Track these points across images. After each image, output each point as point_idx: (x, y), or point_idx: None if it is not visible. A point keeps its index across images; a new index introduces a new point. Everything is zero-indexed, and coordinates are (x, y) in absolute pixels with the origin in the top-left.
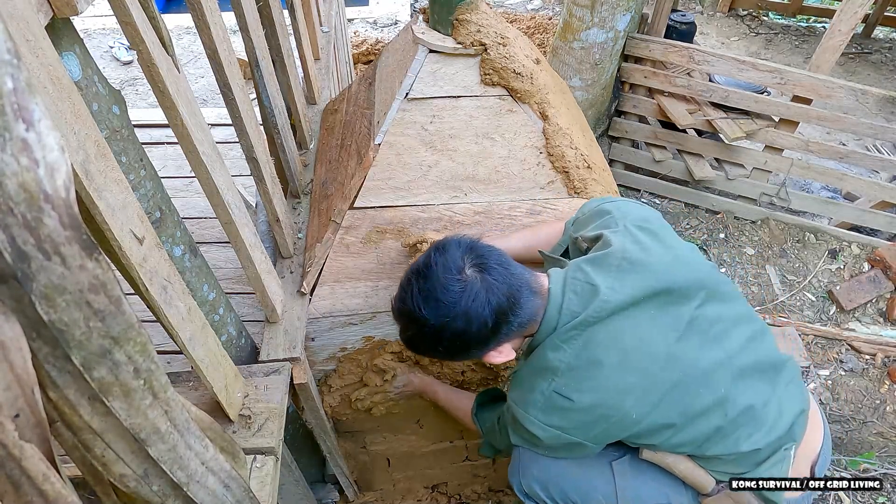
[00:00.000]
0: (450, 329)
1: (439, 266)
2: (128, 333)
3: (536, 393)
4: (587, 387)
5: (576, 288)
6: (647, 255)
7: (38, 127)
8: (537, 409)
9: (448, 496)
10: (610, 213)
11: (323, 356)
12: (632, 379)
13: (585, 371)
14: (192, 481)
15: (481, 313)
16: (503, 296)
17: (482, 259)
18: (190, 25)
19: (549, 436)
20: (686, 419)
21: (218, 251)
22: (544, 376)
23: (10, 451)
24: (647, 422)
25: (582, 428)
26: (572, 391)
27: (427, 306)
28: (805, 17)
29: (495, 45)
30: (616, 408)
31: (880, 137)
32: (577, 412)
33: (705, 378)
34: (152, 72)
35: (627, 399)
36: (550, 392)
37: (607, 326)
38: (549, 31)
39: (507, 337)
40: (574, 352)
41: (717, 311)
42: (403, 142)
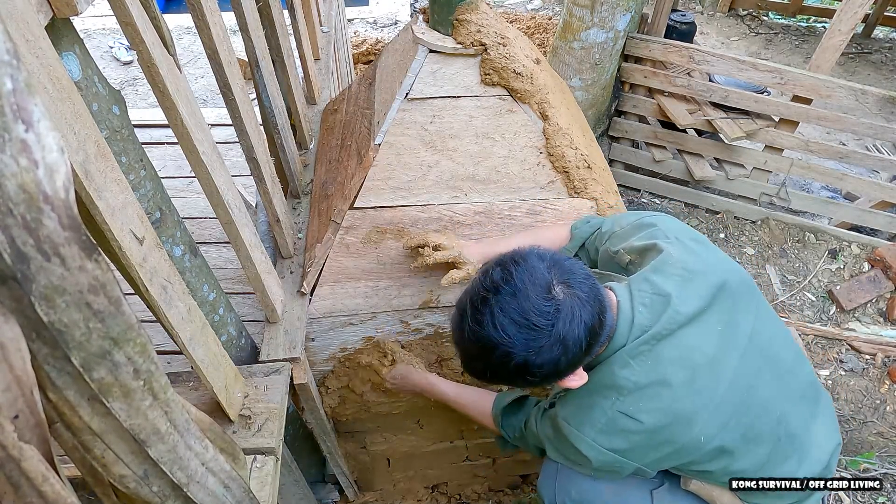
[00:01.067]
0: (543, 356)
1: (527, 284)
2: (127, 334)
3: (597, 412)
4: (656, 407)
5: (644, 300)
6: (703, 264)
7: (38, 127)
8: (596, 431)
9: (448, 496)
10: (655, 226)
11: (323, 356)
12: (701, 399)
13: (654, 391)
14: (192, 482)
15: (577, 336)
16: (596, 314)
17: (569, 274)
18: (190, 25)
19: (605, 460)
20: (744, 444)
21: (218, 251)
22: (607, 395)
23: (9, 452)
24: (710, 446)
25: (643, 452)
26: (640, 412)
27: (518, 332)
28: (805, 17)
29: (495, 45)
30: (684, 431)
31: (880, 137)
32: (643, 435)
33: (763, 401)
34: (152, 72)
35: (697, 421)
36: (614, 412)
37: (677, 341)
38: (549, 31)
39: (591, 357)
40: (643, 369)
41: (768, 329)
42: (403, 142)
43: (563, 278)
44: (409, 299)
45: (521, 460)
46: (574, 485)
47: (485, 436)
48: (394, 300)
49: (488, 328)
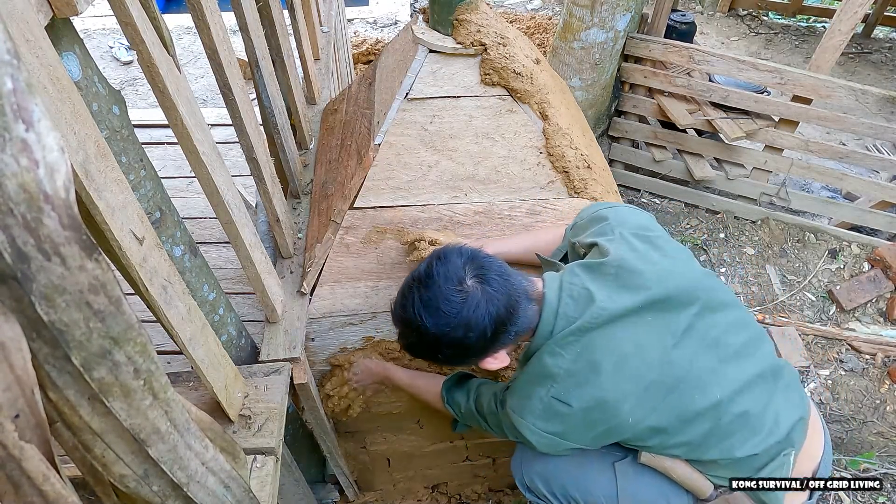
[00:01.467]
0: (449, 337)
1: (441, 276)
2: (128, 334)
3: (535, 400)
4: (586, 392)
5: (572, 292)
6: (643, 264)
7: (38, 127)
8: (535, 416)
9: (448, 496)
10: (607, 220)
11: (323, 356)
12: (629, 385)
13: (584, 376)
14: (193, 481)
15: (481, 323)
16: (502, 306)
17: (482, 270)
18: (190, 25)
19: (546, 442)
20: (680, 423)
21: (218, 251)
22: (542, 383)
23: (10, 451)
24: (642, 426)
25: (579, 432)
26: (571, 397)
27: (428, 315)
28: (805, 17)
29: (495, 45)
30: (613, 413)
31: (880, 137)
32: (575, 417)
33: (700, 383)
34: (152, 72)
35: (624, 404)
36: (549, 399)
37: (605, 332)
38: (549, 31)
39: (504, 344)
40: (572, 357)
41: (713, 319)
42: (403, 142)
43: (476, 273)
44: None
45: None
46: (538, 461)
47: (485, 436)
48: None
49: (409, 311)
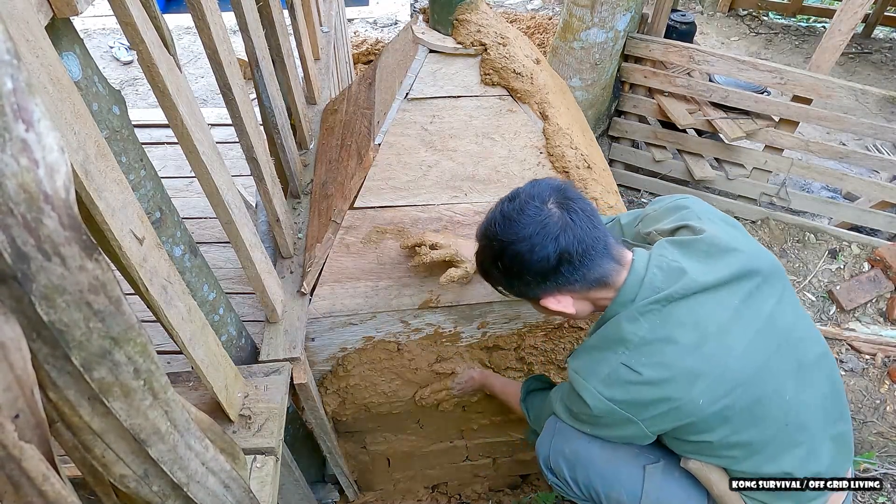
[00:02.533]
0: (512, 249)
1: (526, 192)
2: (128, 334)
3: (602, 364)
4: (657, 362)
5: (661, 264)
6: (735, 242)
7: (38, 127)
8: (599, 380)
9: (448, 496)
10: (688, 208)
11: (323, 356)
12: (705, 365)
13: (658, 347)
14: (193, 482)
15: (545, 246)
16: (575, 241)
17: (569, 202)
18: (190, 25)
19: (603, 408)
20: (750, 418)
21: (218, 251)
22: (614, 348)
23: (10, 451)
24: (711, 410)
25: (641, 406)
26: (641, 365)
27: (501, 221)
28: (805, 17)
29: (495, 45)
30: (683, 390)
31: (880, 137)
32: (641, 387)
33: (777, 383)
34: (152, 72)
35: (697, 384)
36: (618, 364)
37: (690, 305)
38: (549, 31)
39: (570, 287)
40: (650, 326)
41: (792, 316)
42: (403, 142)
43: (561, 201)
44: (409, 299)
45: (521, 460)
46: (569, 444)
47: (485, 436)
48: (394, 300)
49: (488, 219)
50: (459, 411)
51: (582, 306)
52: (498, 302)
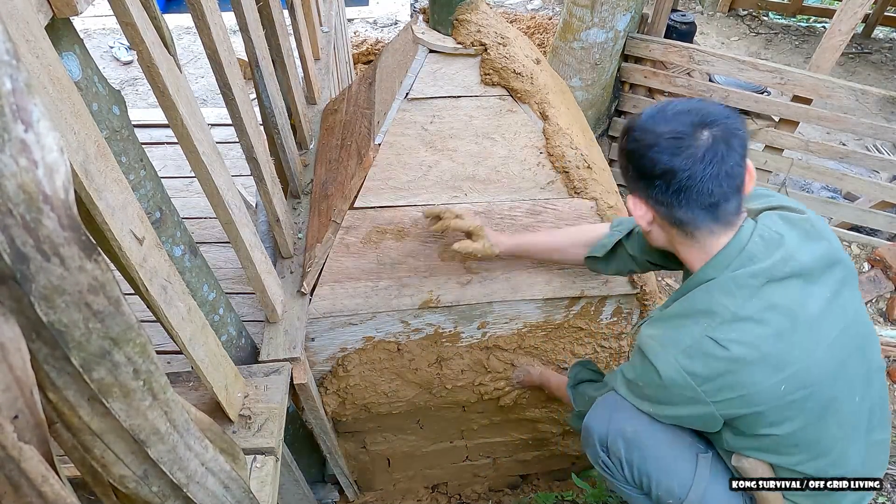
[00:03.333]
0: (639, 135)
1: (701, 107)
2: (127, 334)
3: (685, 333)
4: (748, 341)
5: (763, 233)
6: (827, 232)
7: (37, 128)
8: (679, 350)
9: (448, 496)
10: (775, 196)
11: (323, 356)
12: (793, 354)
13: (750, 326)
14: (192, 482)
15: (661, 153)
16: (688, 173)
17: (725, 147)
18: (190, 25)
19: (677, 380)
20: (824, 414)
21: (218, 251)
22: (701, 319)
23: (9, 452)
24: (788, 399)
25: (717, 386)
26: (731, 341)
27: (657, 109)
28: (805, 17)
29: (495, 45)
30: (768, 374)
31: (880, 137)
32: (724, 363)
33: (851, 384)
34: (152, 72)
35: (782, 372)
36: (703, 336)
37: (786, 289)
38: (549, 31)
39: (655, 204)
40: (745, 303)
41: (867, 319)
42: (403, 142)
43: (718, 138)
44: (409, 299)
45: (521, 460)
46: (631, 423)
47: (485, 436)
48: (394, 300)
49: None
50: (459, 411)
51: (657, 232)
52: (498, 302)
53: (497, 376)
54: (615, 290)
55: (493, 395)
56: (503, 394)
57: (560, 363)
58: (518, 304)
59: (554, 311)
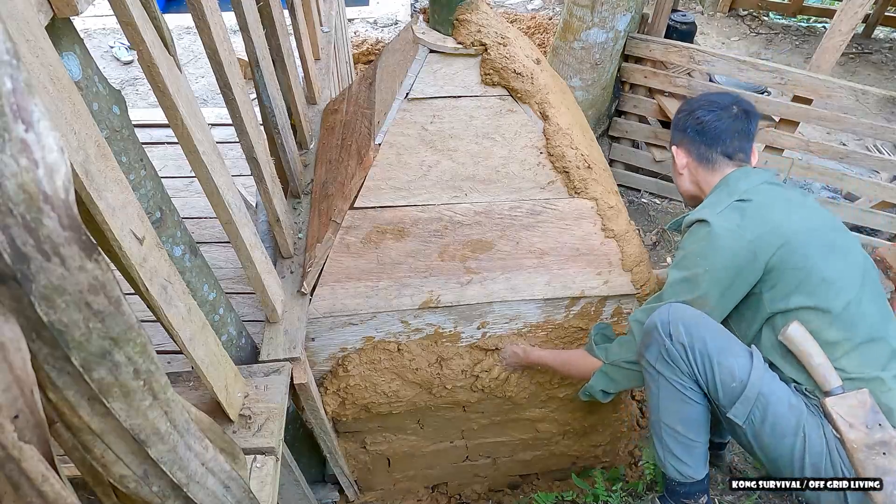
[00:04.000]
0: (691, 104)
1: (737, 96)
2: (127, 334)
3: (718, 204)
4: (762, 198)
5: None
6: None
7: (38, 127)
8: (718, 211)
9: (448, 496)
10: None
11: (323, 356)
12: (797, 209)
13: (763, 189)
14: (192, 482)
15: (695, 109)
16: (713, 128)
17: (749, 117)
18: (190, 25)
19: (725, 226)
20: (827, 255)
21: (218, 251)
22: (724, 197)
23: (9, 452)
24: (802, 238)
25: (753, 221)
26: (750, 195)
27: (704, 93)
28: (805, 17)
29: (495, 45)
30: (783, 214)
31: (880, 137)
32: (751, 208)
33: (843, 243)
34: (152, 72)
35: (794, 214)
36: (732, 201)
37: (789, 200)
38: (549, 31)
39: (691, 145)
40: (753, 184)
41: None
42: (403, 142)
43: (744, 113)
44: (409, 299)
45: (521, 460)
46: (689, 311)
47: (485, 436)
48: (394, 300)
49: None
50: (459, 411)
51: (687, 175)
52: (498, 302)
53: (490, 364)
54: (616, 291)
55: (490, 385)
56: (500, 381)
57: None
58: (518, 304)
59: (554, 312)
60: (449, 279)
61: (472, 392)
